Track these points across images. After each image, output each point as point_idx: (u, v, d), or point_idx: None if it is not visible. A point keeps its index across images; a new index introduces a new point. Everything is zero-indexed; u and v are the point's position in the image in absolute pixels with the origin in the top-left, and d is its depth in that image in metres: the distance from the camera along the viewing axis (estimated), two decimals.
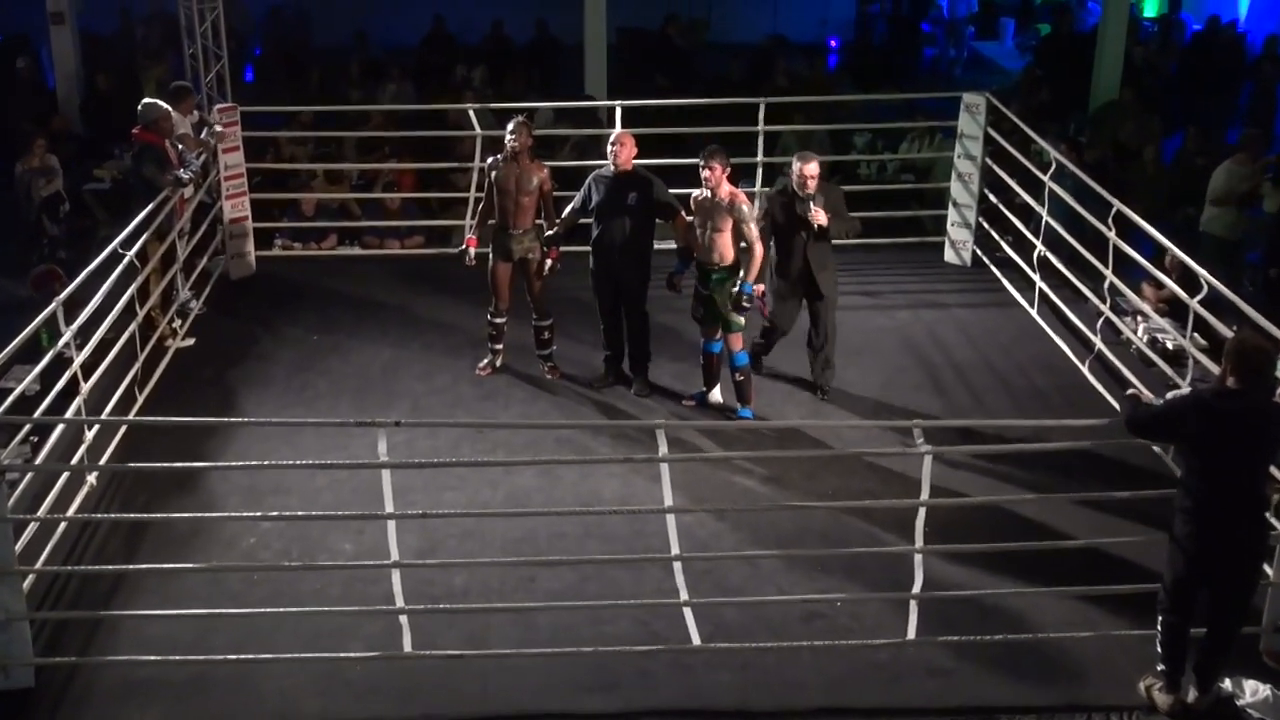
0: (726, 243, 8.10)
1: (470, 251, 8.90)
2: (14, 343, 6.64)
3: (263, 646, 6.14)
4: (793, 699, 5.99)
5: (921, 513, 6.20)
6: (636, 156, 8.53)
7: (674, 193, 8.60)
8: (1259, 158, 10.83)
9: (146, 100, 9.41)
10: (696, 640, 6.20)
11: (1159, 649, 5.85)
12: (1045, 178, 9.80)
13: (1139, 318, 9.27)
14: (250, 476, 7.58)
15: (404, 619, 6.08)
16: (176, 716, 5.87)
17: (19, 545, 6.16)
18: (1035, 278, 9.94)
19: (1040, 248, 9.83)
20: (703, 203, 8.15)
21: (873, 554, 6.77)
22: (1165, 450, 7.50)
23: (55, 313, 7.18)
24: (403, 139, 12.32)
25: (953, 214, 11.16)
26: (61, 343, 7.26)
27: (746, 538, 7.13)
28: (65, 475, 7.19)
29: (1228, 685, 5.94)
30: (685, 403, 8.62)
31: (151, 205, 8.89)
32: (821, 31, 18.38)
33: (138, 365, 8.34)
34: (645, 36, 16.41)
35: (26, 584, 6.20)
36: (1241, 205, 10.57)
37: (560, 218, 8.71)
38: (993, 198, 10.87)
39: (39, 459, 7.16)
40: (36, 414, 7.05)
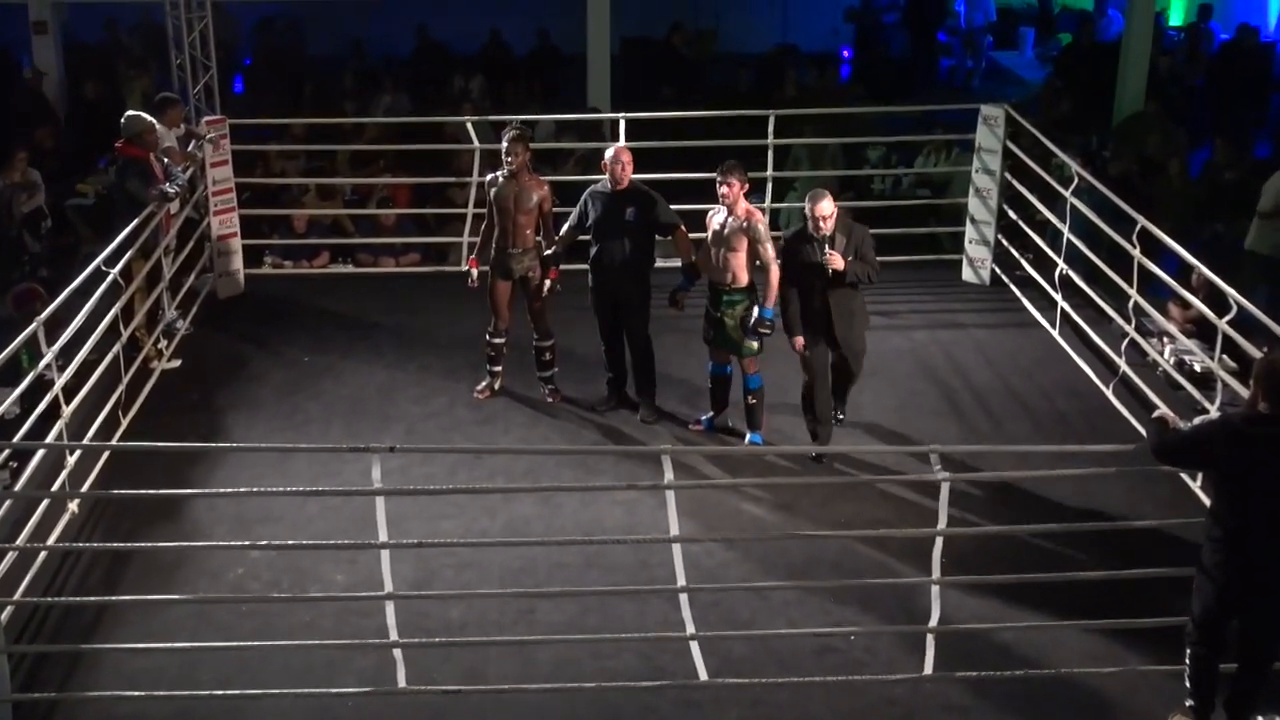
0: (741, 263, 8.09)
1: (473, 273, 8.94)
2: None
3: (251, 681, 6.14)
4: None
5: (939, 542, 6.19)
6: (640, 170, 8.55)
7: (679, 209, 8.62)
8: None
9: (130, 113, 9.44)
10: (704, 675, 6.18)
11: (1187, 684, 5.84)
12: (1067, 193, 9.82)
13: (1165, 339, 9.27)
14: (238, 504, 7.59)
15: (398, 653, 6.08)
16: None
17: None
18: (1057, 297, 9.95)
19: (1062, 266, 9.84)
20: (718, 222, 8.15)
21: (888, 585, 6.76)
22: (1193, 477, 7.51)
23: (36, 333, 7.19)
24: (398, 153, 12.36)
25: (970, 231, 11.17)
26: (43, 364, 7.27)
27: (756, 568, 7.12)
28: (46, 502, 7.19)
29: None
30: (692, 427, 8.63)
31: (136, 221, 8.92)
32: (833, 41, 18.45)
33: (122, 388, 8.36)
34: (650, 46, 16.48)
35: (4, 616, 6.21)
36: None
37: (558, 235, 8.73)
38: (1012, 214, 10.89)
39: (18, 485, 7.16)
40: (16, 438, 7.06)
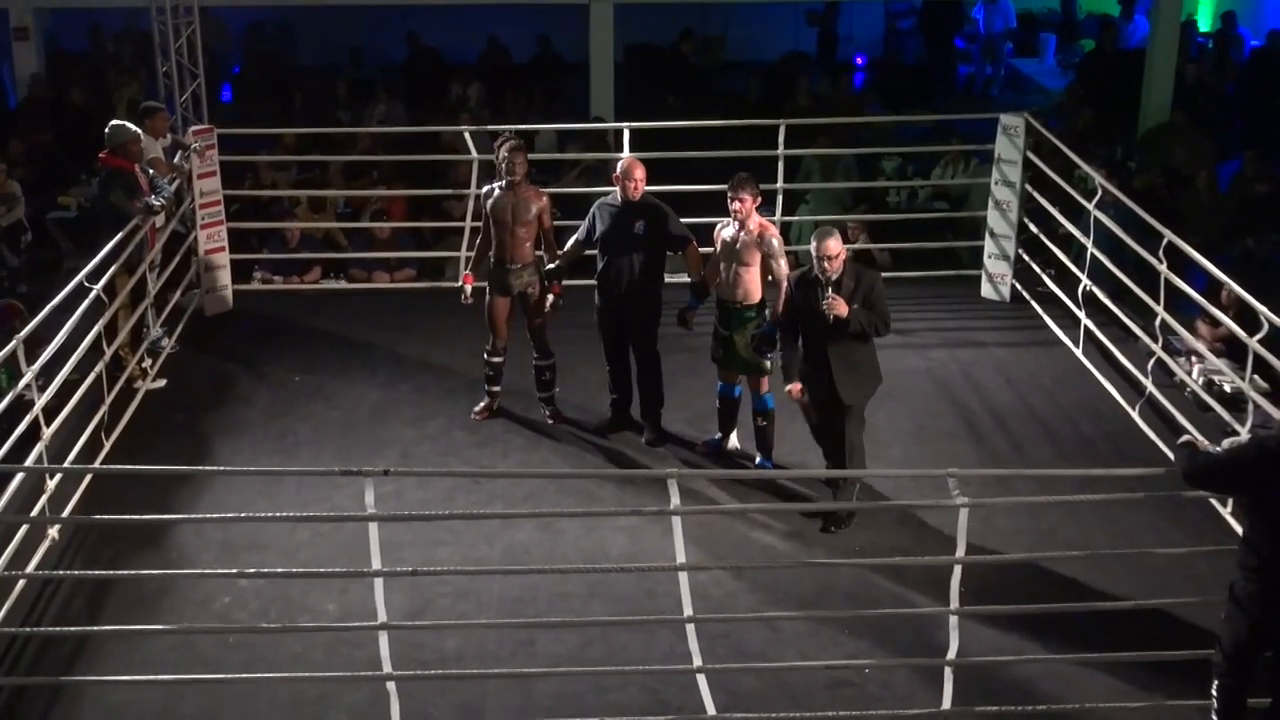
0: (754, 280, 8.08)
1: (467, 289, 8.93)
2: None
3: (238, 715, 6.14)
4: None
5: (957, 571, 6.19)
6: (646, 182, 8.55)
7: (686, 222, 8.64)
8: None
9: (115, 122, 9.46)
10: (711, 710, 6.18)
11: (1214, 718, 5.82)
12: (1090, 206, 9.82)
13: (1193, 358, 9.27)
14: (225, 530, 7.59)
15: (392, 686, 6.07)
16: None
17: None
18: (1080, 314, 9.96)
19: (1085, 282, 9.85)
20: (728, 236, 8.16)
21: (904, 616, 6.76)
22: (1223, 503, 7.50)
23: (15, 351, 7.21)
24: (393, 164, 12.41)
25: (990, 245, 11.19)
26: (22, 384, 7.29)
27: (766, 598, 7.12)
28: (25, 528, 7.20)
29: None
30: (699, 449, 8.63)
31: (120, 235, 8.94)
32: (847, 48, 18.50)
33: (104, 408, 8.38)
34: (656, 53, 16.55)
35: None
36: None
37: (562, 249, 8.75)
38: (1033, 227, 10.90)
39: None
40: None
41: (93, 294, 8.23)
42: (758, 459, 8.42)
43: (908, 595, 7.01)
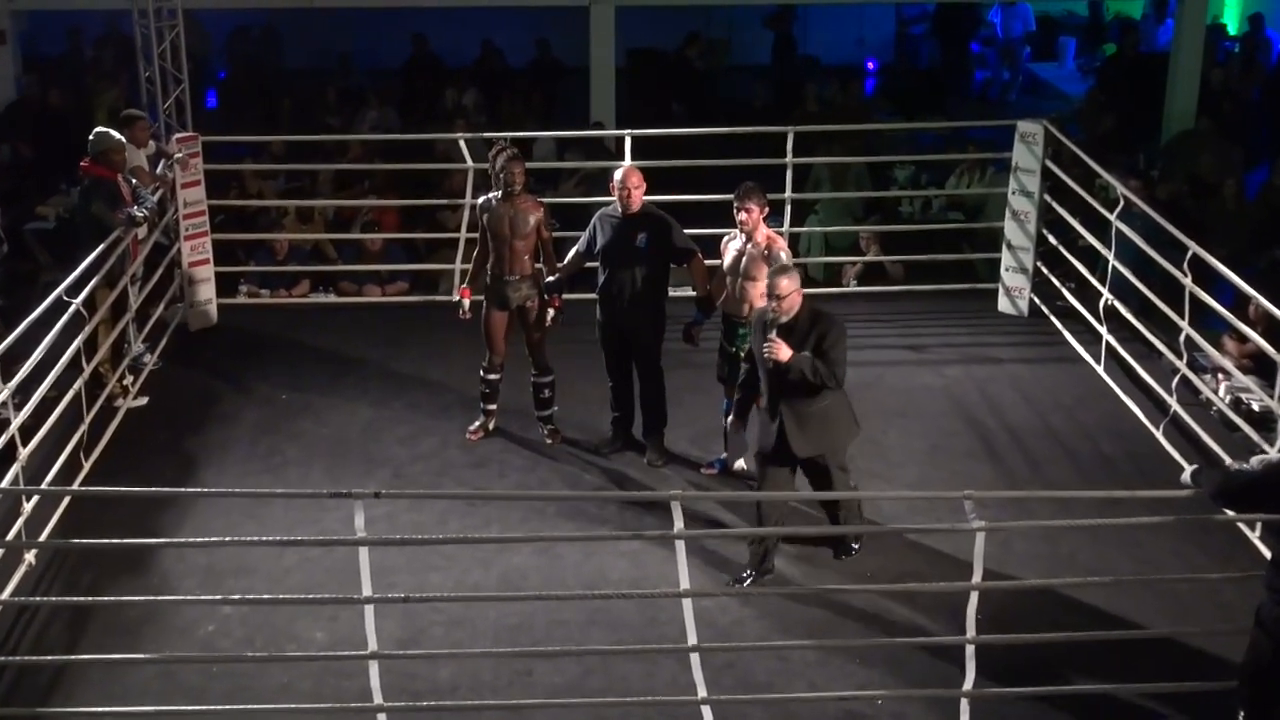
0: (761, 294, 8.06)
1: (465, 303, 8.95)
2: None
3: None
4: None
5: (973, 597, 6.19)
6: (648, 192, 8.57)
7: (690, 233, 8.66)
8: None
9: (100, 129, 9.49)
10: None
11: None
12: (1112, 216, 9.84)
13: (1220, 375, 9.28)
14: (209, 555, 7.60)
15: (383, 718, 6.07)
16: None
17: None
18: (1101, 330, 9.97)
19: (1107, 296, 9.86)
20: (735, 248, 8.17)
21: (918, 644, 6.75)
22: (1251, 526, 7.50)
23: None
24: (385, 172, 12.43)
25: (1007, 257, 11.21)
26: None
27: (773, 625, 7.12)
28: (0, 552, 7.20)
29: None
30: (705, 471, 8.63)
31: (101, 247, 8.95)
32: (857, 52, 18.56)
33: (84, 428, 8.38)
34: (658, 58, 16.60)
35: None
36: None
37: (562, 262, 8.77)
38: (1052, 239, 10.92)
39: None
40: None
41: (72, 308, 8.23)
42: None
43: (922, 623, 7.01)
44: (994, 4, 18.57)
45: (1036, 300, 11.09)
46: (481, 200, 8.77)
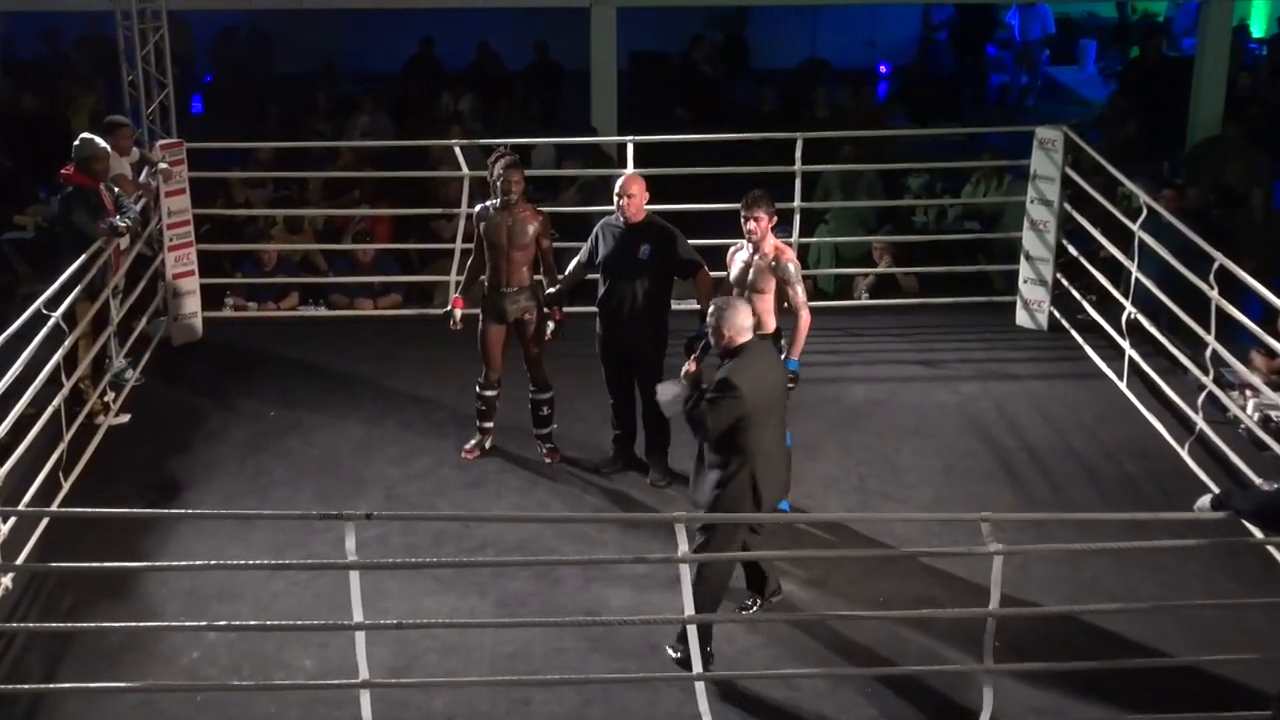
0: (768, 308, 8.03)
1: (456, 314, 8.96)
2: None
3: None
4: None
5: (991, 624, 6.19)
6: (651, 201, 8.59)
7: (695, 244, 8.67)
8: None
9: (85, 135, 9.49)
10: None
11: None
12: (1135, 226, 9.85)
13: (1248, 392, 9.29)
14: (194, 579, 7.60)
15: None
16: None
17: None
18: (1124, 344, 9.97)
19: (1130, 309, 9.87)
20: (742, 259, 8.17)
21: (933, 673, 6.75)
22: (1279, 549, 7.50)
23: None
24: (377, 180, 12.45)
25: (1025, 269, 11.22)
26: None
27: (783, 653, 7.11)
28: None
29: None
30: None
31: (83, 258, 8.96)
32: (869, 55, 18.59)
33: (63, 446, 8.39)
34: (663, 62, 16.64)
35: None
36: None
37: (562, 273, 8.78)
38: (1073, 250, 10.94)
39: None
40: None
41: (51, 322, 8.26)
42: None
43: (937, 650, 7.00)
44: (1012, 6, 18.60)
45: (1056, 314, 11.09)
46: (478, 209, 8.77)
